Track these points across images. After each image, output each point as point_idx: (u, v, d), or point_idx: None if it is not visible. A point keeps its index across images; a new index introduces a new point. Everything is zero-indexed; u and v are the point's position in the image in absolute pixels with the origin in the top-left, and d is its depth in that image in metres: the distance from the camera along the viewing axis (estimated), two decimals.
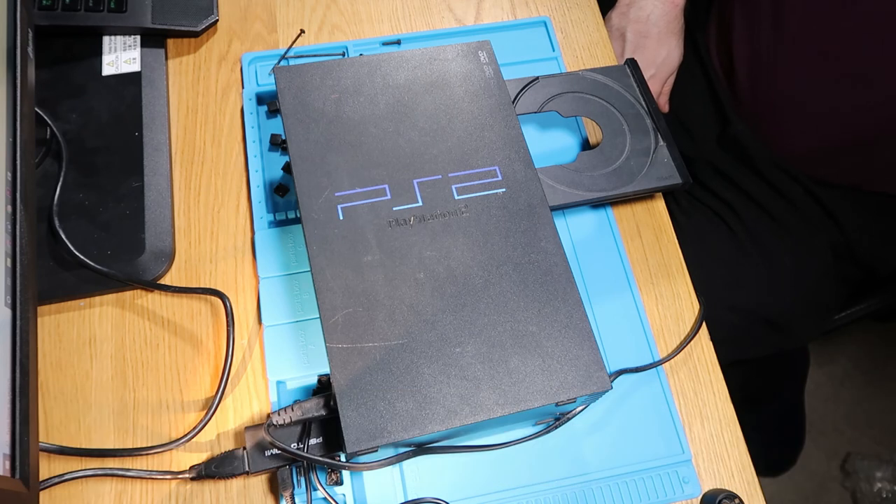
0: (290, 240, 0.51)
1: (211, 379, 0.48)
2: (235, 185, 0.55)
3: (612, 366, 0.49)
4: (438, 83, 0.48)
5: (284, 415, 0.41)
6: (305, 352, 0.47)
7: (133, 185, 0.53)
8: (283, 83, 0.47)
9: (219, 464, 0.43)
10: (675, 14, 0.76)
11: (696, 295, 0.53)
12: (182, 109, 0.58)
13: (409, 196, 0.44)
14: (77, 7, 0.57)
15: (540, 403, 0.38)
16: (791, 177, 0.76)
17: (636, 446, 0.47)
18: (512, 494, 0.45)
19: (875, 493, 1.15)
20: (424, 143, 0.46)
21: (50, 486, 0.44)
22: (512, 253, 0.42)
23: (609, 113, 0.55)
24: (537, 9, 0.65)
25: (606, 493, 0.45)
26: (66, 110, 0.56)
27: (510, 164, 0.46)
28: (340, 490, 0.44)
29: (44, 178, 0.53)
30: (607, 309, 0.51)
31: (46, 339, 0.49)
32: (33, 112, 0.44)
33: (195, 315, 0.50)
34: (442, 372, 0.38)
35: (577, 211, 0.55)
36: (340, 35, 0.62)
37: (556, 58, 0.61)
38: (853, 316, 0.86)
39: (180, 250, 0.52)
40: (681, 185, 0.52)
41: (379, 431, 0.37)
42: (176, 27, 0.59)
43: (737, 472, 0.47)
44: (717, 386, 0.50)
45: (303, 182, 0.43)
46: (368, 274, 0.41)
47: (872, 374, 1.26)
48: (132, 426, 0.46)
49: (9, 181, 0.39)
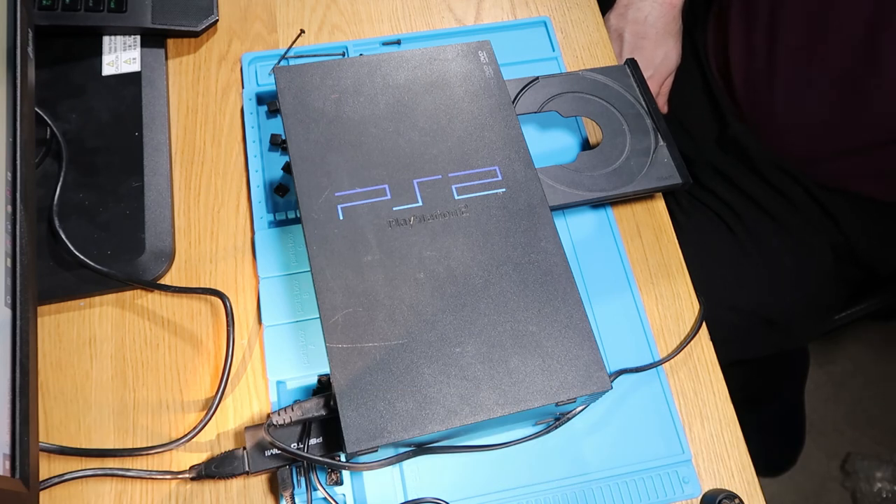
0: (290, 240, 0.51)
1: (211, 379, 0.48)
2: (235, 185, 0.55)
3: (612, 366, 0.49)
4: (438, 83, 0.48)
5: (284, 415, 0.41)
6: (305, 352, 0.47)
7: (133, 185, 0.53)
8: (283, 83, 0.47)
9: (219, 464, 0.43)
10: (672, 15, 0.76)
11: (696, 295, 0.53)
12: (182, 109, 0.58)
13: (409, 196, 0.44)
14: (77, 7, 0.57)
15: (540, 403, 0.38)
16: (791, 177, 0.76)
17: (636, 446, 0.47)
18: (512, 494, 0.45)
19: (875, 493, 1.15)
20: (424, 143, 0.46)
21: (50, 486, 0.44)
22: (512, 253, 0.42)
23: (609, 113, 0.55)
24: (537, 9, 0.65)
25: (606, 493, 0.45)
26: (66, 110, 0.56)
27: (510, 164, 0.46)
28: (340, 490, 0.44)
29: (44, 178, 0.53)
30: (607, 309, 0.51)
31: (46, 339, 0.49)
32: (33, 112, 0.44)
33: (195, 315, 0.50)
34: (442, 372, 0.38)
35: (577, 211, 0.55)
36: (340, 35, 0.62)
37: (556, 58, 0.61)
38: (853, 316, 0.86)
39: (180, 250, 0.52)
40: (681, 185, 0.52)
41: (379, 431, 0.37)
42: (176, 27, 0.59)
43: (737, 472, 0.47)
44: (717, 386, 0.50)
45: (303, 182, 0.43)
46: (368, 274, 0.41)
47: (872, 374, 1.26)
48: (132, 426, 0.46)
49: (9, 181, 0.39)
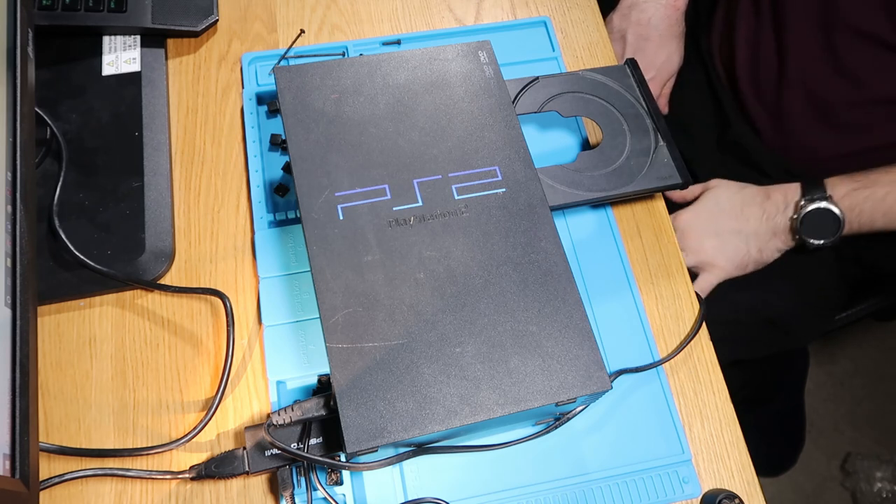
0: (290, 240, 0.51)
1: (211, 379, 0.48)
2: (235, 185, 0.55)
3: (612, 366, 0.49)
4: (438, 83, 0.48)
5: (284, 415, 0.41)
6: (305, 352, 0.47)
7: (133, 185, 0.53)
8: (283, 83, 0.47)
9: (219, 464, 0.43)
10: (676, 17, 0.76)
11: (696, 295, 0.53)
12: (182, 109, 0.58)
13: (409, 196, 0.44)
14: (77, 7, 0.57)
15: (540, 403, 0.38)
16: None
17: (636, 446, 0.47)
18: (512, 494, 0.45)
19: (875, 493, 1.15)
20: (424, 143, 0.46)
21: (50, 486, 0.44)
22: (512, 253, 0.42)
23: (609, 113, 0.55)
24: (537, 9, 0.65)
25: (606, 493, 0.45)
26: (66, 110, 0.56)
27: (510, 164, 0.46)
28: (340, 490, 0.44)
29: (44, 178, 0.53)
30: (607, 309, 0.51)
31: (46, 339, 0.49)
32: (33, 112, 0.44)
33: (195, 315, 0.50)
34: (442, 372, 0.38)
35: (577, 211, 0.55)
36: (340, 35, 0.62)
37: (556, 58, 0.61)
38: (854, 316, 0.86)
39: (180, 250, 0.52)
40: (681, 185, 0.52)
41: (379, 431, 0.37)
42: (176, 27, 0.59)
43: (737, 472, 0.47)
44: (717, 386, 0.50)
45: (303, 182, 0.43)
46: (368, 274, 0.41)
47: (872, 374, 1.26)
48: (132, 426, 0.46)
49: (9, 181, 0.39)
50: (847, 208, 0.64)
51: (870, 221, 0.64)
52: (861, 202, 0.64)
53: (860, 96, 0.69)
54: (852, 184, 0.65)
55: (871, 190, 0.64)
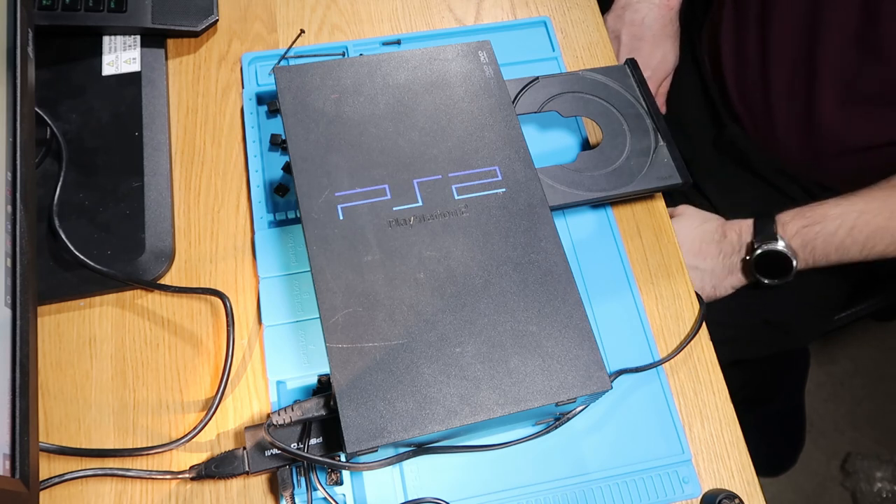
0: (290, 240, 0.51)
1: (211, 379, 0.48)
2: (235, 185, 0.55)
3: (612, 366, 0.49)
4: (438, 83, 0.48)
5: (284, 415, 0.41)
6: (305, 352, 0.48)
7: (133, 185, 0.53)
8: (283, 83, 0.47)
9: (219, 464, 0.43)
10: (669, 17, 0.76)
11: (696, 295, 0.53)
12: (182, 109, 0.58)
13: (409, 196, 0.44)
14: (77, 7, 0.57)
15: (540, 403, 0.38)
16: (789, 178, 0.76)
17: (636, 446, 0.47)
18: (512, 494, 0.45)
19: (875, 493, 1.15)
20: (424, 143, 0.46)
21: (50, 486, 0.44)
22: (512, 253, 0.42)
23: (609, 113, 0.55)
24: (537, 9, 0.65)
25: (606, 493, 0.45)
26: (66, 110, 0.56)
27: (510, 164, 0.46)
28: (340, 490, 0.44)
29: (44, 178, 0.53)
30: (607, 309, 0.51)
31: (46, 339, 0.49)
32: (33, 112, 0.44)
33: (195, 315, 0.50)
34: (442, 372, 0.38)
35: (577, 211, 0.55)
36: (340, 35, 0.62)
37: (556, 58, 0.61)
38: (853, 316, 0.86)
39: (180, 250, 0.52)
40: (681, 185, 0.52)
41: (379, 431, 0.37)
42: (176, 27, 0.59)
43: (737, 472, 0.47)
44: (717, 386, 0.50)
45: (303, 182, 0.43)
46: (368, 274, 0.41)
47: (872, 374, 1.26)
48: (132, 426, 0.46)
49: (9, 181, 0.39)
50: (799, 247, 0.64)
51: (824, 256, 0.64)
52: (812, 239, 0.64)
53: (843, 98, 0.68)
54: (802, 220, 0.64)
55: (821, 225, 0.63)
